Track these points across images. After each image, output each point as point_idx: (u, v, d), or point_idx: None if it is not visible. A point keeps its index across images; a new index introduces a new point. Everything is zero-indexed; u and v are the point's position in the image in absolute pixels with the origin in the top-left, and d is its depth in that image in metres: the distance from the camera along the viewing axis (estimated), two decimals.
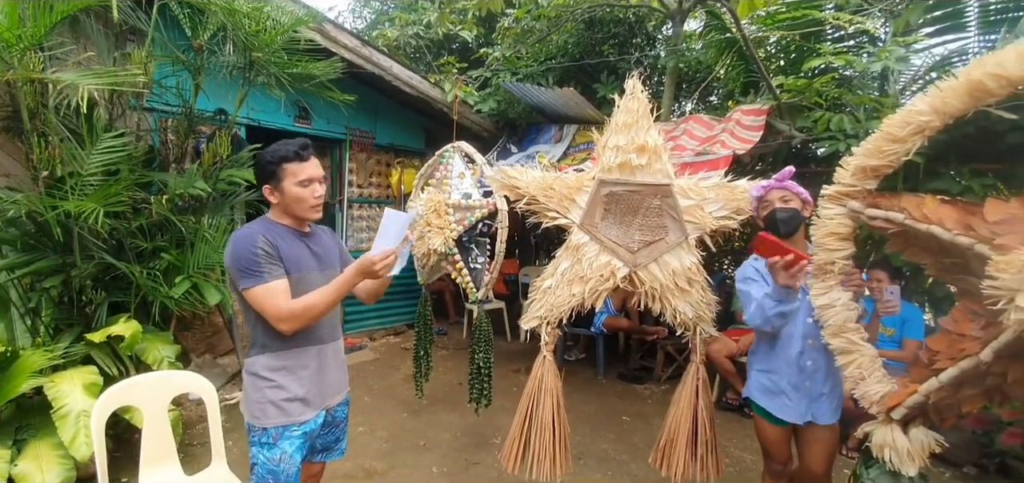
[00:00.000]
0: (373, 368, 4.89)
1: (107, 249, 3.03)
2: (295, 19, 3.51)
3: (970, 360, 1.41)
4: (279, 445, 1.65)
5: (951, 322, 1.55)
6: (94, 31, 3.21)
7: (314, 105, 4.87)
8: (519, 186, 2.37)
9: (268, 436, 1.65)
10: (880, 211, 1.60)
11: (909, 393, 1.55)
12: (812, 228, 1.80)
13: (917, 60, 4.07)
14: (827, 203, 1.73)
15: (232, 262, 1.60)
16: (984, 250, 1.33)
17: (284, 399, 1.66)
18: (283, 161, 1.63)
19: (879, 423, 1.64)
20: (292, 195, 1.65)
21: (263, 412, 1.65)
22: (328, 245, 1.83)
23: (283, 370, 1.66)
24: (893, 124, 1.53)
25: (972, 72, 1.38)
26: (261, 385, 1.66)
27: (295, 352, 1.68)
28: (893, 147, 1.54)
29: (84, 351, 2.80)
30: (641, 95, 2.29)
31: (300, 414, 1.68)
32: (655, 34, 6.03)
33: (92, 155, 2.92)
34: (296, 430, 1.67)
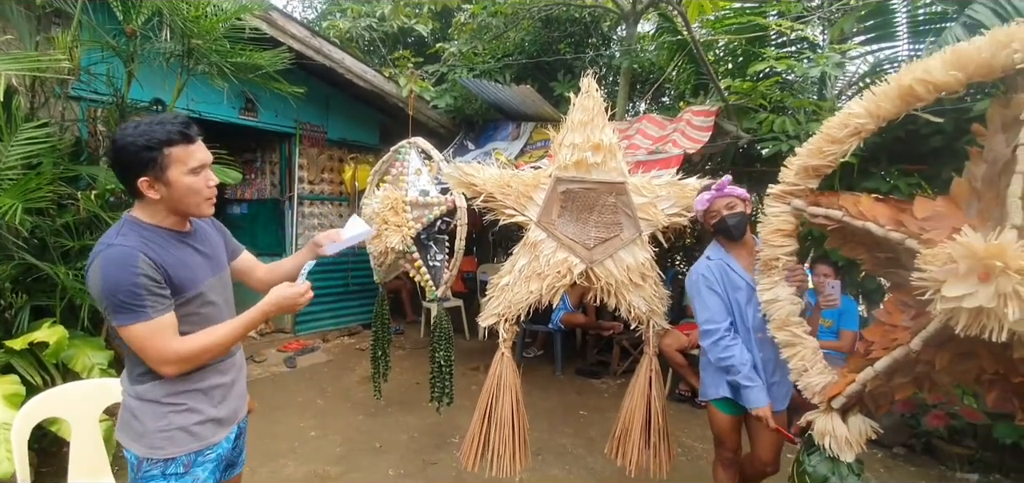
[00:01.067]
0: (326, 370, 4.75)
1: (28, 249, 2.79)
2: (239, 6, 3.34)
3: (901, 349, 1.49)
4: (192, 473, 1.38)
5: (884, 314, 1.63)
6: (14, 13, 2.95)
7: (261, 97, 4.65)
8: (476, 183, 2.35)
9: (177, 466, 1.36)
10: (821, 209, 1.68)
11: (847, 383, 1.63)
12: (758, 226, 1.87)
13: (852, 66, 4.33)
14: (772, 202, 1.80)
15: (103, 292, 1.24)
16: (913, 245, 1.40)
17: (196, 423, 1.38)
18: (164, 145, 1.27)
19: (820, 412, 1.71)
20: (183, 187, 1.31)
21: (170, 440, 1.34)
22: (213, 240, 1.53)
23: (193, 392, 1.38)
24: (832, 126, 1.61)
25: (903, 78, 1.46)
26: (164, 410, 1.35)
27: (206, 371, 1.40)
28: (832, 148, 1.62)
29: (4, 359, 2.57)
30: (596, 94, 2.32)
31: (214, 436, 1.42)
32: (610, 34, 6.14)
33: (11, 147, 2.68)
34: (210, 454, 1.41)
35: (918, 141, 3.42)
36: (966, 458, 3.24)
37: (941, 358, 1.47)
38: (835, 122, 1.61)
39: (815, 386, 1.72)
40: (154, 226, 1.34)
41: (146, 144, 1.26)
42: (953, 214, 1.44)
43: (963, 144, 3.10)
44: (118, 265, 1.24)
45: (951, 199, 1.49)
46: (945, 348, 1.45)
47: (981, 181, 1.43)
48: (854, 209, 1.60)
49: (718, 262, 2.12)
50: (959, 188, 1.48)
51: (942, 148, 3.31)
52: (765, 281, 1.86)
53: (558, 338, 4.87)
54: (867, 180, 3.51)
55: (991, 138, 1.43)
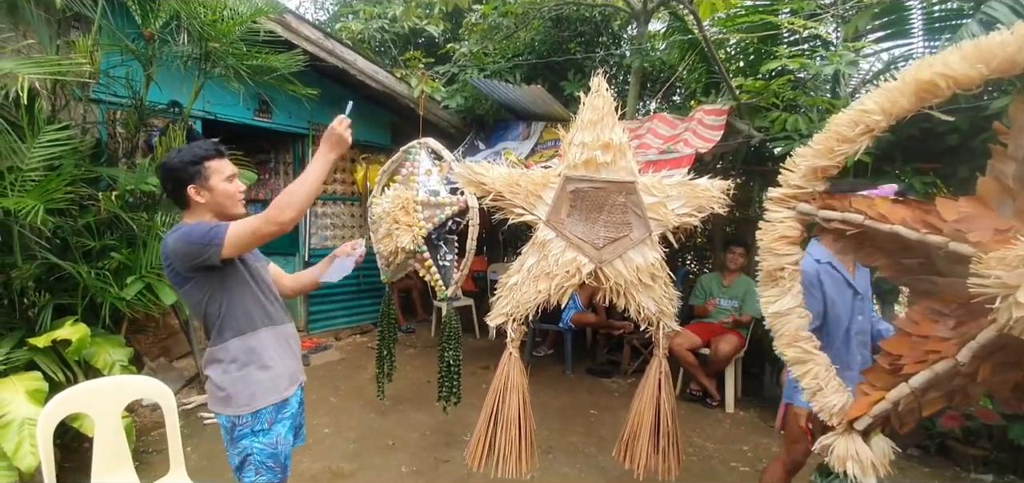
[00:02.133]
0: (339, 368, 4.81)
1: (51, 248, 2.87)
2: (254, 9, 3.40)
3: (945, 363, 1.35)
4: (274, 429, 1.68)
5: (909, 324, 1.50)
6: (34, 17, 3.02)
7: (275, 98, 4.71)
8: (485, 182, 2.36)
9: (262, 421, 1.66)
10: (836, 213, 1.54)
11: (873, 401, 1.50)
12: (759, 233, 1.74)
13: (866, 64, 4.28)
14: (775, 206, 1.67)
15: (184, 243, 1.56)
16: (961, 248, 1.28)
17: (271, 377, 1.68)
18: (205, 159, 1.63)
19: (839, 435, 1.56)
20: (222, 192, 1.65)
21: (252, 397, 1.64)
22: None
23: (258, 349, 1.67)
24: (842, 124, 1.50)
25: (921, 72, 1.37)
26: (245, 368, 1.65)
27: (262, 332, 1.70)
28: (843, 147, 1.52)
29: (27, 357, 2.64)
30: (606, 93, 2.32)
31: (288, 389, 1.72)
32: (620, 33, 6.12)
33: (33, 149, 2.75)
34: (286, 409, 1.72)
35: (933, 139, 3.38)
36: (981, 459, 3.20)
37: (984, 369, 1.35)
38: (845, 119, 1.50)
39: (832, 406, 1.57)
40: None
41: (192, 160, 1.62)
42: (985, 214, 1.34)
43: (980, 142, 3.07)
44: (187, 226, 1.60)
45: (979, 199, 1.38)
46: (991, 359, 1.34)
47: (1013, 179, 1.33)
48: (872, 212, 1.47)
49: (824, 265, 2.17)
50: (987, 187, 1.38)
51: (958, 146, 3.27)
52: (770, 292, 1.72)
53: (568, 337, 4.88)
54: (881, 179, 3.47)
55: (1017, 136, 1.33)
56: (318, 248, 5.54)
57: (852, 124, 1.49)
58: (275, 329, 1.75)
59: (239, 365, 1.65)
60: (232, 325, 1.65)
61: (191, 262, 1.57)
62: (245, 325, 1.67)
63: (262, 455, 1.67)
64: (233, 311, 1.65)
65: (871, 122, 1.46)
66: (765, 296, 1.74)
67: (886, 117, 1.44)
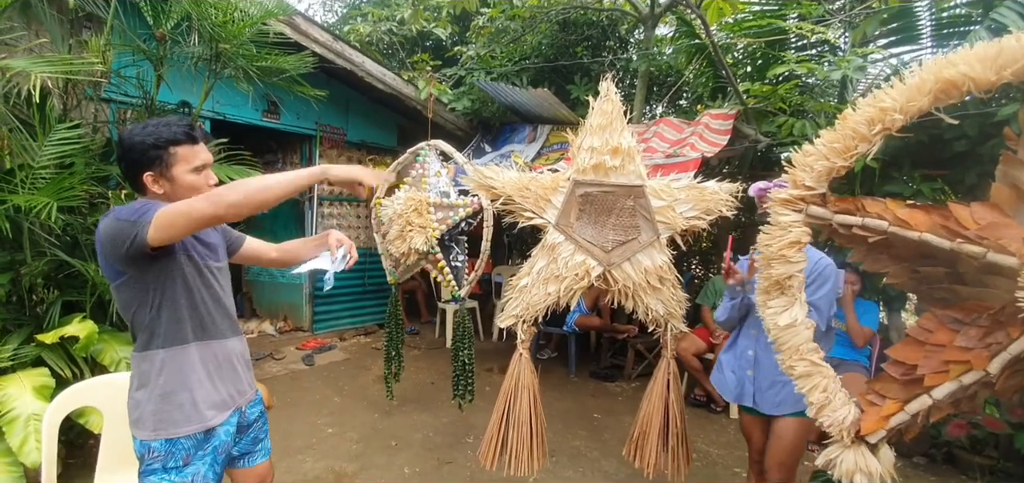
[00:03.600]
0: (343, 369, 4.81)
1: (60, 246, 2.89)
2: (264, 11, 3.42)
3: (974, 374, 1.29)
4: (191, 467, 1.40)
5: (922, 333, 1.44)
6: (47, 16, 3.05)
7: (284, 100, 4.75)
8: (495, 186, 2.37)
9: (177, 456, 1.39)
10: (855, 218, 1.44)
11: (888, 414, 1.43)
12: (768, 238, 1.62)
13: (874, 69, 4.26)
14: (782, 209, 1.55)
15: (113, 221, 1.30)
16: (1007, 260, 1.23)
17: (192, 403, 1.41)
18: (171, 143, 1.35)
19: (845, 447, 1.48)
20: (186, 184, 1.38)
21: (167, 422, 1.38)
22: (209, 240, 1.56)
23: (189, 368, 1.42)
24: (859, 121, 1.40)
25: (943, 70, 1.30)
26: (166, 388, 1.39)
27: (192, 348, 1.43)
28: (861, 146, 1.41)
29: (35, 353, 2.66)
30: (615, 97, 2.34)
31: (214, 418, 1.44)
32: (627, 37, 6.13)
33: (45, 147, 2.78)
34: (209, 443, 1.44)
35: (941, 145, 3.36)
36: (987, 468, 3.18)
37: (1002, 378, 1.31)
38: (862, 117, 1.40)
39: (842, 421, 1.48)
40: None
41: (153, 143, 1.35)
42: (1004, 221, 1.30)
43: (988, 149, 3.06)
44: (121, 207, 1.34)
45: (993, 205, 1.34)
46: (1010, 366, 1.29)
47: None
48: (890, 216, 1.41)
49: None
50: (1001, 193, 1.35)
51: (966, 153, 3.25)
52: (776, 302, 1.60)
53: (573, 340, 4.87)
54: (888, 185, 3.46)
55: None
56: None
57: (869, 122, 1.39)
58: (208, 345, 1.46)
59: (162, 382, 1.39)
60: (160, 333, 1.38)
61: (120, 249, 1.28)
62: (174, 336, 1.40)
63: None
64: (163, 316, 1.38)
65: (890, 121, 1.37)
66: (771, 306, 1.61)
67: (904, 115, 1.36)
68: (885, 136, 1.41)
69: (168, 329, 1.39)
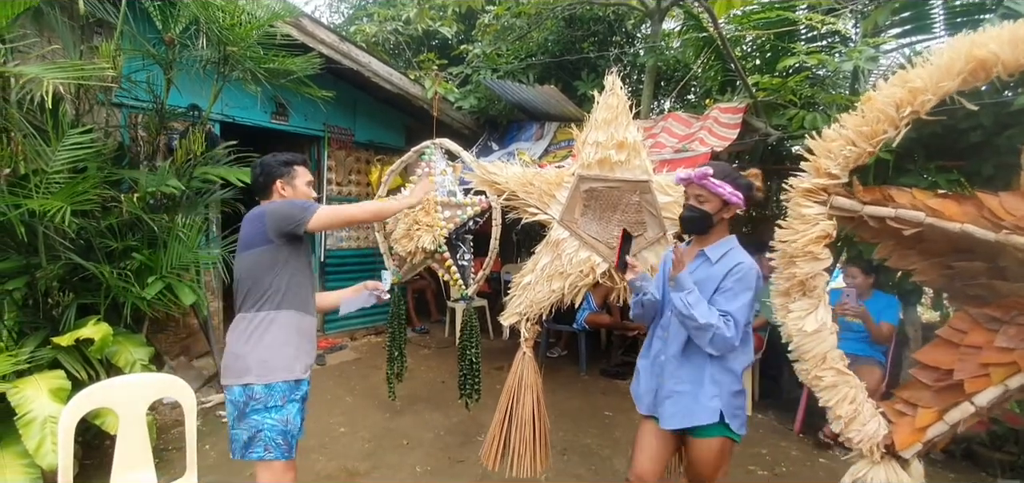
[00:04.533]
0: (354, 368, 4.84)
1: (75, 249, 2.93)
2: (271, 13, 3.44)
3: (1020, 377, 1.21)
4: (286, 407, 1.86)
5: (954, 334, 1.35)
6: (59, 23, 3.09)
7: (291, 101, 4.78)
8: (499, 182, 2.37)
9: (275, 396, 1.84)
10: (888, 209, 1.34)
11: (924, 425, 1.32)
12: (789, 233, 1.48)
13: (885, 60, 4.19)
14: (804, 200, 1.43)
15: (287, 205, 1.92)
16: None
17: (296, 357, 1.89)
18: (294, 164, 2.02)
19: (874, 463, 1.39)
20: (302, 192, 2.01)
21: (272, 366, 1.84)
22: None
23: (307, 330, 1.96)
24: (887, 103, 1.30)
25: (974, 49, 1.22)
26: (284, 341, 1.87)
27: (309, 318, 1.98)
28: (890, 131, 1.30)
29: (51, 355, 2.70)
30: (620, 92, 2.31)
31: (303, 373, 1.93)
32: (634, 32, 6.09)
33: (58, 152, 2.81)
34: (297, 393, 1.91)
35: (956, 136, 3.30)
36: (1008, 464, 3.12)
37: None
38: (890, 98, 1.29)
39: (873, 436, 1.38)
40: None
41: (286, 161, 2.01)
42: None
43: (1004, 139, 2.99)
44: (295, 201, 1.98)
45: (1020, 194, 1.26)
46: None
47: None
48: (927, 208, 1.31)
49: None
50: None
51: (981, 143, 3.18)
52: (800, 306, 1.45)
53: (582, 338, 4.85)
54: (903, 176, 3.40)
55: None
56: (334, 249, 5.59)
57: (897, 104, 1.29)
58: (305, 317, 1.97)
59: (269, 338, 1.85)
60: (291, 300, 1.89)
61: (283, 226, 1.86)
62: (301, 305, 1.92)
63: (273, 432, 1.82)
64: (295, 288, 1.90)
65: (920, 103, 1.27)
66: (793, 310, 1.48)
67: (935, 96, 1.26)
68: (912, 120, 1.30)
69: (287, 295, 1.88)
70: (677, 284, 1.74)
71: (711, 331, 1.68)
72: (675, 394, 1.84)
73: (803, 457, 3.37)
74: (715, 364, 1.79)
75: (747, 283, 1.72)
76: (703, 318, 1.68)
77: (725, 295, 1.72)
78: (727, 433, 1.80)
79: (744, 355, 1.82)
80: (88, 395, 2.04)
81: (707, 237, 1.86)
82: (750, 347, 1.86)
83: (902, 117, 1.29)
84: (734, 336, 1.68)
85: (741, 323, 1.70)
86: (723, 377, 1.79)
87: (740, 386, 1.82)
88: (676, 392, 1.84)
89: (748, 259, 1.77)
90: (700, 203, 1.82)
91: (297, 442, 1.95)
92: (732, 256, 1.78)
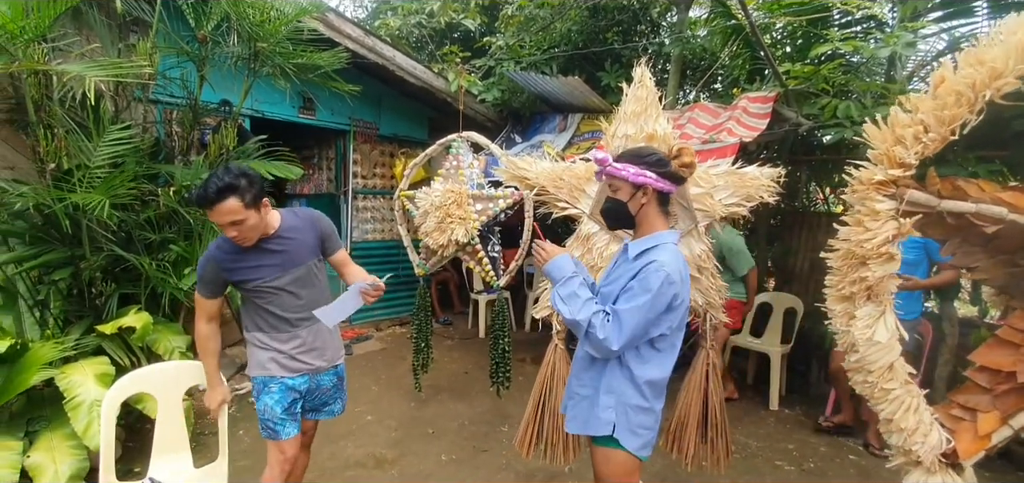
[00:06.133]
0: (380, 358, 4.92)
1: (116, 241, 3.04)
2: (299, 9, 3.49)
3: None
4: (263, 396, 2.02)
5: (1016, 334, 1.25)
6: (97, 22, 3.19)
7: (318, 96, 4.85)
8: (529, 177, 2.37)
9: (256, 387, 2.04)
10: (967, 204, 1.22)
11: (987, 432, 1.24)
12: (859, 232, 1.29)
13: (924, 45, 4.04)
14: (872, 193, 1.25)
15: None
16: None
17: (269, 360, 2.02)
18: (197, 203, 1.90)
19: (930, 473, 1.30)
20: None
21: (254, 366, 2.05)
22: (298, 239, 2.04)
23: (270, 340, 2.03)
24: (964, 85, 1.16)
25: None
26: (250, 349, 2.06)
27: (279, 332, 2.04)
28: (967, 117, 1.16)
29: (95, 343, 2.81)
30: (649, 84, 2.29)
31: (278, 371, 2.02)
32: (659, 21, 5.99)
33: (99, 147, 2.91)
34: (273, 385, 2.02)
35: (998, 125, 3.16)
36: None
37: None
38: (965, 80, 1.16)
39: (935, 446, 1.28)
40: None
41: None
42: None
43: None
44: (202, 259, 1.97)
45: None
46: None
47: None
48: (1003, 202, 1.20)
49: None
50: None
51: None
52: (866, 311, 1.29)
53: None
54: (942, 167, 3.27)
55: None
56: (359, 241, 5.68)
57: (974, 87, 1.16)
58: (286, 330, 2.07)
59: (249, 346, 2.07)
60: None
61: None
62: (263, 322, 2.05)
63: (259, 409, 2.08)
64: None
65: (998, 85, 1.15)
66: (859, 317, 1.31)
67: (1016, 78, 1.15)
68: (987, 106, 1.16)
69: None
70: (545, 274, 1.64)
71: (583, 329, 1.53)
72: (577, 397, 1.74)
73: (831, 453, 3.31)
74: (615, 372, 1.61)
75: (646, 285, 1.50)
76: (570, 315, 1.54)
77: (626, 294, 1.53)
78: (623, 449, 1.62)
79: (654, 367, 1.60)
80: (129, 380, 2.13)
81: (637, 229, 1.67)
82: (666, 360, 1.62)
83: (980, 100, 1.18)
84: (609, 338, 1.49)
85: (626, 326, 1.49)
86: (623, 388, 1.60)
87: (644, 401, 1.60)
88: (578, 395, 1.73)
89: (665, 258, 1.53)
90: (614, 192, 1.65)
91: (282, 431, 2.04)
92: (649, 254, 1.57)
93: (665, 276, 1.50)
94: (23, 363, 2.46)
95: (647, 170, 1.57)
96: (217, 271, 1.93)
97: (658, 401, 1.65)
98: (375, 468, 3.00)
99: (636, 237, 1.67)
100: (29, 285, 2.96)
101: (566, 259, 1.63)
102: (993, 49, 1.17)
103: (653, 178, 1.57)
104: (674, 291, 1.52)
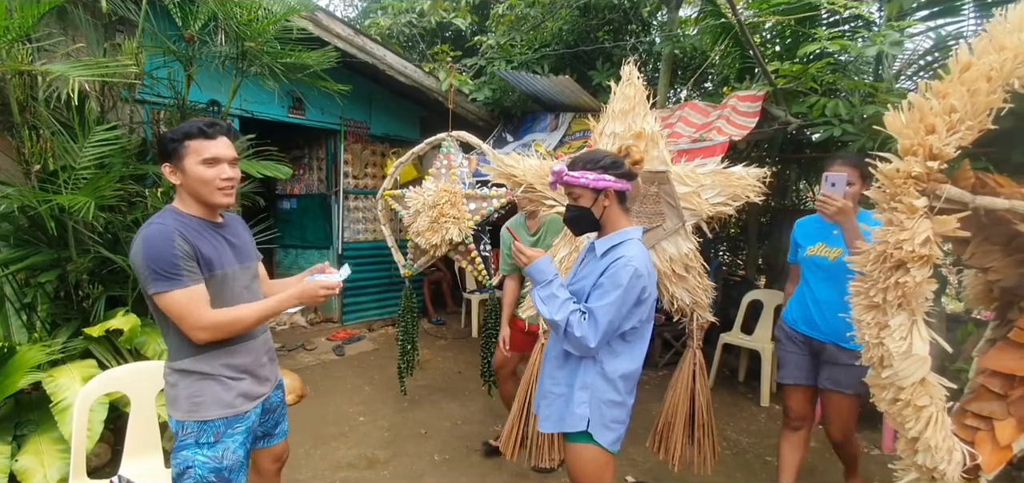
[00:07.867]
0: (372, 358, 4.91)
1: (103, 243, 3.01)
2: (287, 8, 3.46)
3: None
4: (222, 442, 1.54)
5: None
6: (83, 22, 3.16)
7: (308, 95, 4.83)
8: (516, 174, 2.37)
9: (209, 435, 1.53)
10: (1001, 200, 1.14)
11: (1008, 441, 1.17)
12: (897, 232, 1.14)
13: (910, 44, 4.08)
14: (902, 190, 1.11)
15: (146, 262, 1.42)
16: None
17: (224, 392, 1.55)
18: (186, 137, 1.49)
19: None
20: (195, 175, 1.50)
21: (199, 405, 1.51)
22: (243, 236, 1.73)
23: (221, 366, 1.56)
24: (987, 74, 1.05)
25: None
26: (195, 379, 1.53)
27: (233, 348, 1.59)
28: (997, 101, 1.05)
29: (83, 346, 2.78)
30: (638, 82, 2.30)
31: (242, 406, 1.59)
32: (650, 20, 6.01)
33: (85, 148, 2.88)
34: (239, 425, 1.58)
35: None
36: None
37: None
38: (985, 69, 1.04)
39: (959, 463, 1.19)
40: (188, 214, 1.55)
41: (172, 136, 1.51)
42: None
43: None
44: (158, 239, 1.44)
45: None
46: None
47: None
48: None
49: None
50: None
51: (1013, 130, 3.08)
52: (899, 322, 1.15)
53: None
54: None
55: None
56: (351, 241, 5.66)
57: (989, 76, 1.07)
58: (240, 345, 1.65)
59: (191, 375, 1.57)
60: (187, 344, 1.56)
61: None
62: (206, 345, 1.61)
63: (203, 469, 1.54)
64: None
65: (1020, 76, 1.06)
66: (892, 328, 1.16)
67: None
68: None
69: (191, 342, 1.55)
70: (527, 276, 1.67)
71: (561, 328, 1.57)
72: (550, 395, 1.76)
73: (822, 449, 3.33)
74: (589, 369, 1.65)
75: (616, 280, 1.54)
76: (549, 315, 1.58)
77: (598, 291, 1.58)
78: (597, 444, 1.66)
79: (626, 361, 1.65)
80: (102, 380, 2.11)
81: (602, 230, 1.71)
82: (636, 352, 1.68)
83: (997, 91, 1.08)
84: (587, 336, 1.54)
85: (601, 322, 1.53)
86: (596, 383, 1.64)
87: (617, 395, 1.65)
88: (551, 393, 1.76)
89: (632, 253, 1.57)
90: (575, 200, 1.68)
91: None
92: (617, 250, 1.61)
93: (633, 271, 1.55)
94: (10, 367, 2.44)
95: (604, 174, 1.63)
96: (185, 241, 1.46)
97: (630, 395, 1.71)
98: (367, 469, 3.00)
99: (602, 236, 1.72)
100: (15, 288, 2.92)
101: (547, 261, 1.68)
102: (1015, 34, 1.08)
103: (612, 180, 1.63)
104: (643, 284, 1.58)
